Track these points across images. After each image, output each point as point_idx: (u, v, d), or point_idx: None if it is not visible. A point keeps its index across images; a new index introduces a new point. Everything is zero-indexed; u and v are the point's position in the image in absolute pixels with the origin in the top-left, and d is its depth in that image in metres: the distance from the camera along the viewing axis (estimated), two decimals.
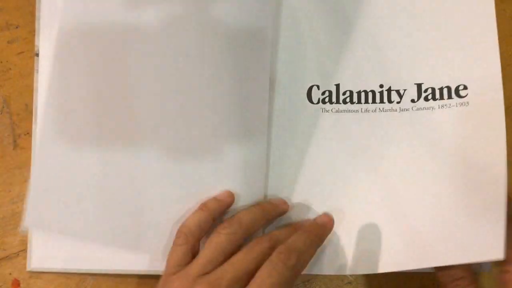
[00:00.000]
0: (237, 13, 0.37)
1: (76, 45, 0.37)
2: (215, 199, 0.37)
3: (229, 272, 0.32)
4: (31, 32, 0.42)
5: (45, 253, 0.39)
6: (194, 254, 0.35)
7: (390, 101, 0.39)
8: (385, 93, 0.40)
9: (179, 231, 0.35)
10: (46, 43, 0.40)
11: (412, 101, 0.39)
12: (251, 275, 0.32)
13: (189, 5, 0.36)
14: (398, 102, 0.39)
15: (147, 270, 0.39)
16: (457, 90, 0.39)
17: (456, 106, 0.38)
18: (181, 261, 0.34)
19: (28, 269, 0.40)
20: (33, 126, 0.40)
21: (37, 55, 0.41)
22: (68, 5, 0.37)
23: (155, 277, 0.40)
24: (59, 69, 0.37)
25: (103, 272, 0.40)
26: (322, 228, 0.37)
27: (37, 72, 0.41)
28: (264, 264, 0.32)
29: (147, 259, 0.39)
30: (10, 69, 0.42)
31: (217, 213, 0.36)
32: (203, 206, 0.36)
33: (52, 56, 0.37)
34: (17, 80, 0.42)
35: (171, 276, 0.33)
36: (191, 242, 0.35)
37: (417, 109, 0.39)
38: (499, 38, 0.43)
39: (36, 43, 0.41)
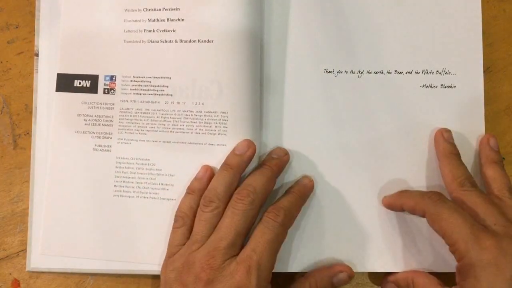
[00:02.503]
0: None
1: None
2: (196, 179, 0.38)
3: (223, 239, 0.34)
4: (31, 32, 0.42)
5: (43, 254, 0.40)
6: (191, 234, 0.36)
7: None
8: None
9: (176, 216, 0.37)
10: (46, 43, 0.41)
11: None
12: (243, 234, 0.35)
13: None
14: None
15: (146, 270, 0.39)
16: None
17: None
18: (180, 241, 0.36)
19: (27, 269, 0.40)
20: (33, 126, 0.41)
21: (37, 55, 0.41)
22: None
23: (155, 277, 0.40)
24: None
25: (102, 272, 0.40)
26: (304, 188, 0.38)
27: (37, 72, 0.41)
28: (257, 225, 0.35)
29: (146, 260, 0.39)
30: (10, 69, 0.42)
31: (202, 191, 0.37)
32: (190, 190, 0.37)
33: None
34: (17, 80, 0.42)
35: (173, 256, 0.35)
36: (188, 223, 0.36)
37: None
38: (499, 38, 0.43)
39: (36, 43, 0.41)
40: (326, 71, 0.40)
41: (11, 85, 0.42)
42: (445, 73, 0.41)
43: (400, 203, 0.37)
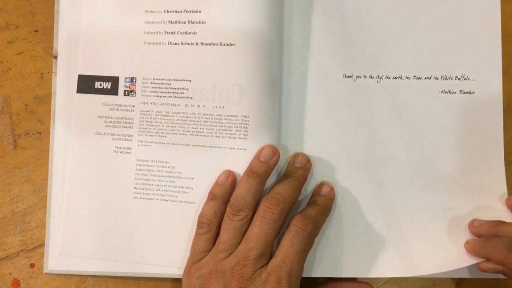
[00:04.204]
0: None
1: None
2: (218, 185, 0.38)
3: (254, 249, 0.34)
4: (31, 32, 0.42)
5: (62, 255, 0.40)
6: (215, 240, 0.36)
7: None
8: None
9: (201, 222, 0.37)
10: (64, 45, 0.41)
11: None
12: (272, 244, 0.35)
13: None
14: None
15: (165, 274, 0.39)
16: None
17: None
18: (205, 248, 0.36)
19: (45, 271, 0.40)
20: (51, 128, 0.40)
21: (56, 57, 0.40)
22: None
23: (155, 280, 0.41)
24: None
25: (120, 275, 0.40)
26: (329, 201, 0.39)
27: (55, 74, 0.41)
28: (286, 234, 0.35)
29: (165, 262, 0.39)
30: (10, 69, 0.42)
31: (226, 197, 0.37)
32: (211, 195, 0.37)
33: None
34: (17, 80, 0.42)
35: (198, 263, 0.35)
36: (213, 230, 0.36)
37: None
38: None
39: (54, 45, 0.41)
40: (345, 76, 0.41)
41: (11, 85, 0.42)
42: (464, 79, 0.41)
43: (485, 253, 0.37)
